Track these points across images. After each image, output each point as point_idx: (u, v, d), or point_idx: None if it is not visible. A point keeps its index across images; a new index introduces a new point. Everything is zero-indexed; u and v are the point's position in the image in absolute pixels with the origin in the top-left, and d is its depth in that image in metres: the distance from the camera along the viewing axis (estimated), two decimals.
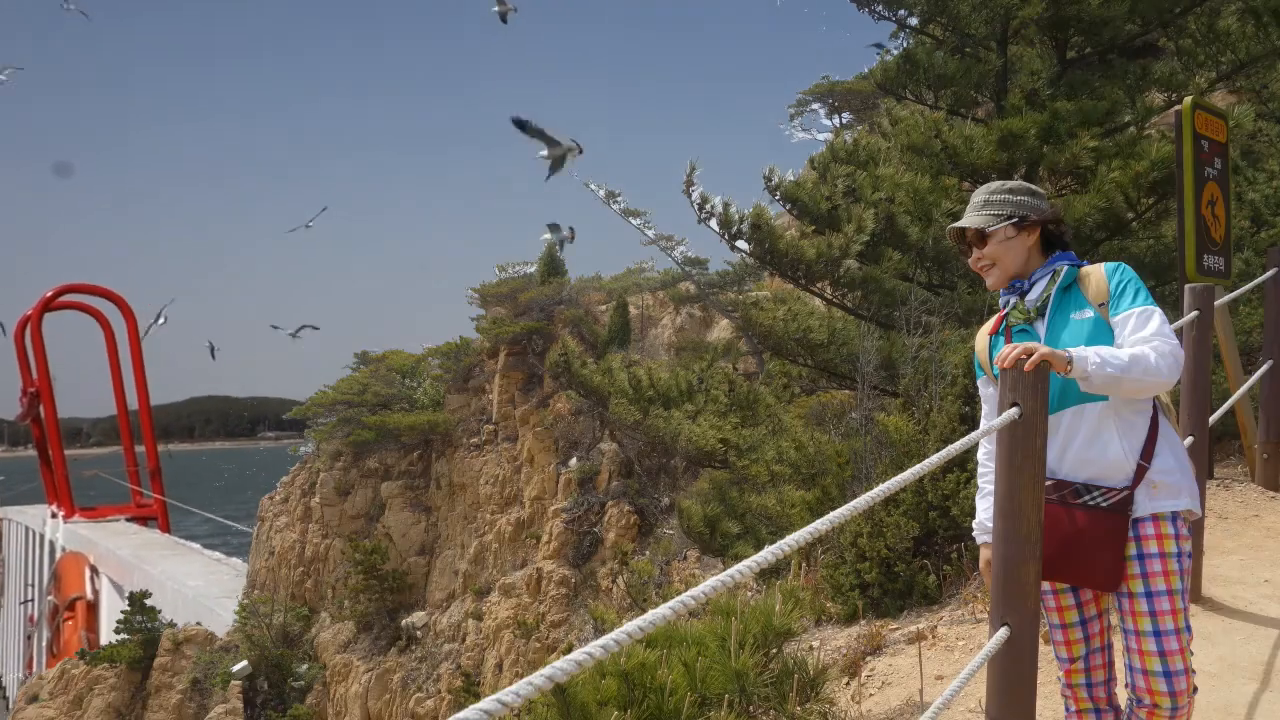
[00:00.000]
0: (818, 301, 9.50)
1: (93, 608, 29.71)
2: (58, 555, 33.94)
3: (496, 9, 19.09)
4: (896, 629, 5.06)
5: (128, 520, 37.08)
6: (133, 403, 40.08)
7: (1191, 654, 2.48)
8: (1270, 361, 6.26)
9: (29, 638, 35.36)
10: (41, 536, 37.04)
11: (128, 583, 28.15)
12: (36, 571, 37.43)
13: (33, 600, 36.41)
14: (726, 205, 8.79)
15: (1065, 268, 2.61)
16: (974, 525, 2.81)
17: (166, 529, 37.32)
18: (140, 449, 39.64)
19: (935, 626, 4.84)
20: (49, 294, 39.02)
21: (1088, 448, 2.51)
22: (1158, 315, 2.48)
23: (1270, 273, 6.28)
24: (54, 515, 36.67)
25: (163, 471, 39.14)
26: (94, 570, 30.99)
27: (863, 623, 5.25)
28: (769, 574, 6.07)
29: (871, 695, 4.24)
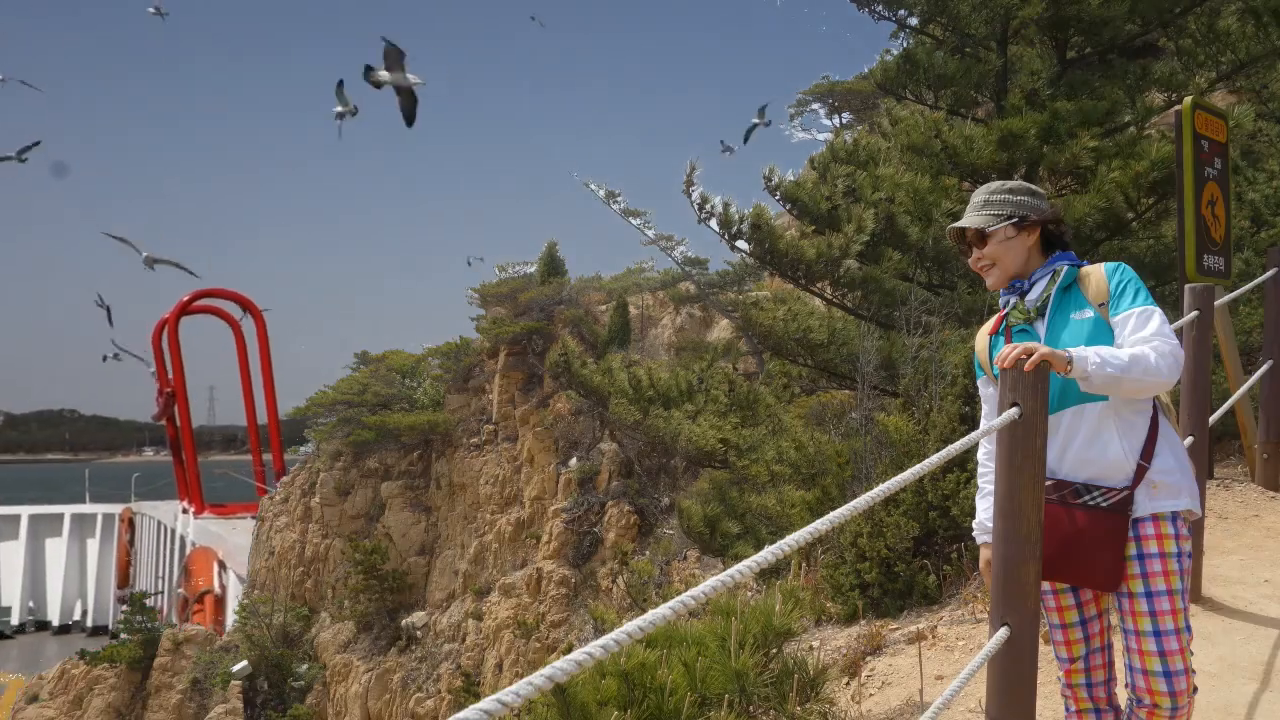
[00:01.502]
0: (818, 301, 9.50)
1: (220, 601, 30.35)
2: (188, 550, 34.68)
3: (339, 109, 18.73)
4: (896, 629, 5.06)
5: (254, 518, 37.88)
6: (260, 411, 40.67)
7: (1191, 654, 2.48)
8: (1270, 361, 6.26)
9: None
10: (172, 531, 37.96)
11: None
12: (166, 564, 38.36)
13: (162, 592, 37.18)
14: (726, 205, 8.80)
15: (1065, 268, 2.61)
16: (974, 525, 2.81)
17: None
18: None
19: (935, 626, 4.84)
20: (185, 298, 39.65)
21: (1088, 448, 2.51)
22: (1158, 315, 2.48)
23: (1270, 273, 6.28)
24: (185, 511, 37.46)
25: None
26: (222, 565, 31.69)
27: (863, 623, 5.25)
28: (769, 574, 6.07)
29: (871, 695, 4.24)
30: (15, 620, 46.93)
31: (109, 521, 47.90)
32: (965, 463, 5.26)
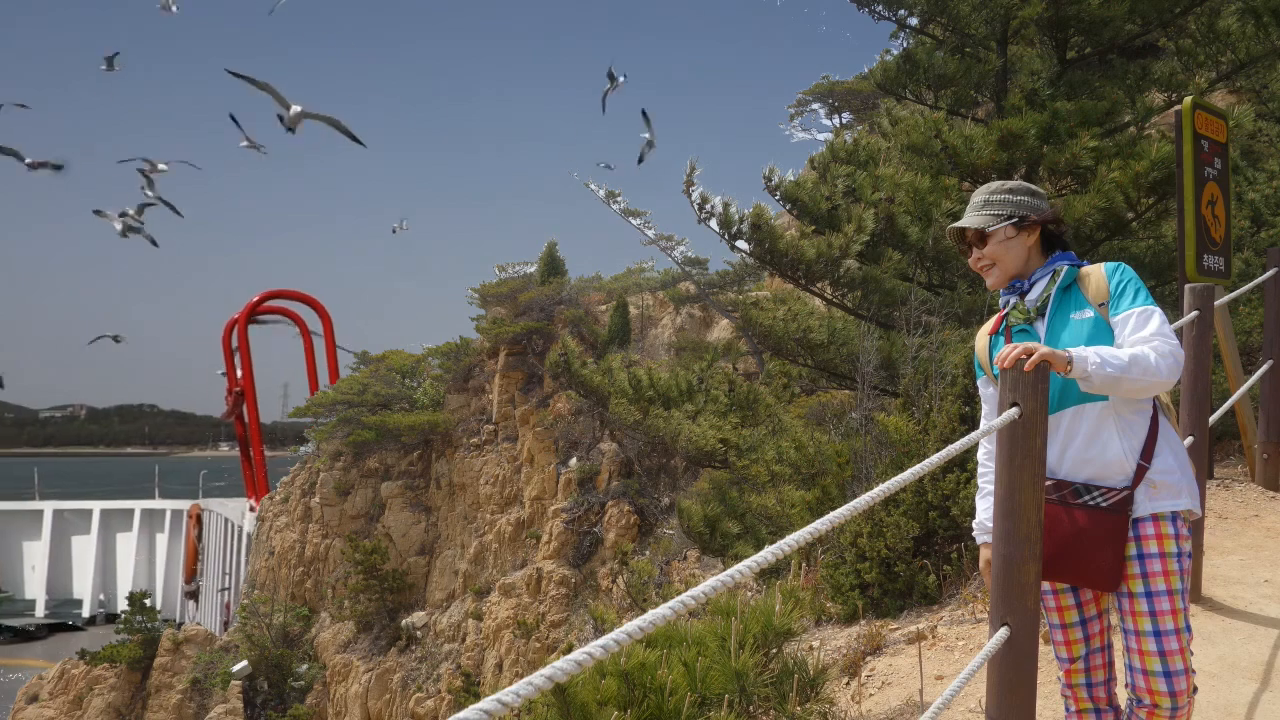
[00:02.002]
0: (818, 301, 9.50)
1: None
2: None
3: (281, 113, 17.80)
4: (896, 629, 5.06)
5: None
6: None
7: (1191, 654, 2.48)
8: (1270, 361, 6.26)
9: (225, 624, 36.14)
10: (239, 528, 38.41)
11: None
12: (233, 561, 38.85)
13: (229, 588, 37.43)
14: (726, 205, 8.80)
15: (1065, 268, 2.61)
16: (974, 525, 2.81)
17: None
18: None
19: (935, 626, 4.84)
20: (255, 299, 40.16)
21: (1088, 448, 2.51)
22: (1158, 315, 2.48)
23: (1270, 273, 6.28)
24: (251, 509, 37.74)
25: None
26: None
27: (863, 623, 5.25)
28: (769, 574, 6.08)
29: (871, 695, 4.24)
30: (86, 612, 48.38)
31: (177, 518, 48.74)
32: (965, 463, 5.26)
